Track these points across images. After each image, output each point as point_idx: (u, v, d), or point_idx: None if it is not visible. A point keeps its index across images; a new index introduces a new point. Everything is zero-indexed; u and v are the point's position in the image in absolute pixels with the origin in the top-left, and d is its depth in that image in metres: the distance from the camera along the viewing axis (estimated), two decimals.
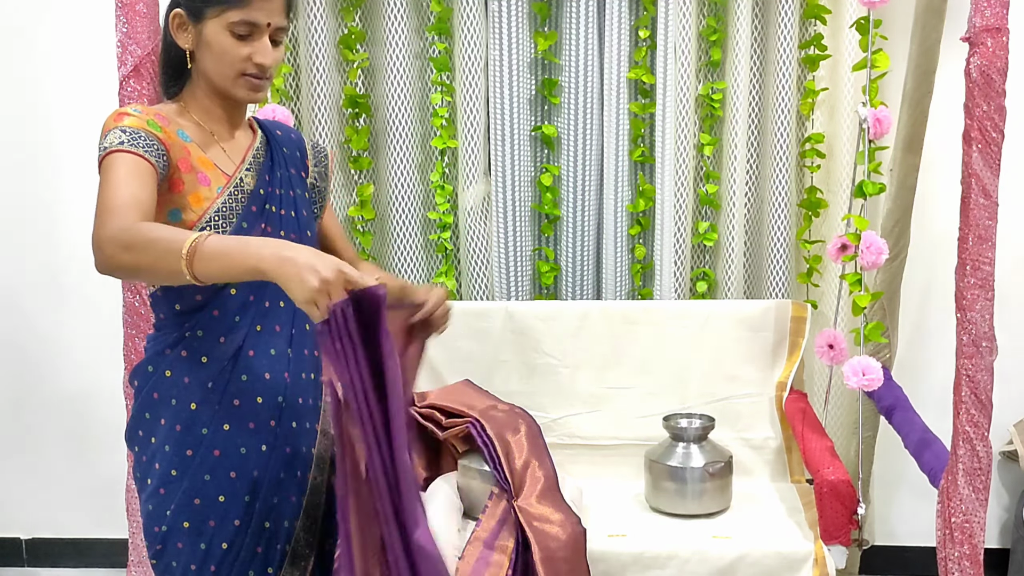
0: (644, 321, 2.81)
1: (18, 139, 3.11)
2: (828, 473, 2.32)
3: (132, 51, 2.10)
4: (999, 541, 3.08)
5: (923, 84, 2.63)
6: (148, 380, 1.70)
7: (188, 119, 1.70)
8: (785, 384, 2.74)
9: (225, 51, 1.64)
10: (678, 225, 2.92)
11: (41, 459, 3.25)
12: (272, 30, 1.67)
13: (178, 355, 1.68)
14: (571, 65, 2.86)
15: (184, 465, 1.66)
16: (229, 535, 1.67)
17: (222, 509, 1.67)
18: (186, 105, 1.71)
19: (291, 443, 1.72)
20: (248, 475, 1.68)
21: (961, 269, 2.05)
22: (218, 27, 1.64)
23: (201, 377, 1.67)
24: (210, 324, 1.67)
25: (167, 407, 1.68)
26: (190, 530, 1.67)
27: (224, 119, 1.73)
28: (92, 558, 3.26)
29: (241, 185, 1.70)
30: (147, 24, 2.10)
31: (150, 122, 1.61)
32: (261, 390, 1.69)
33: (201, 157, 1.66)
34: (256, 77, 1.67)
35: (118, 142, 1.57)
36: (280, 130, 1.86)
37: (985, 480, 2.10)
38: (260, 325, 1.69)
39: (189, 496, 1.66)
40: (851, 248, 2.51)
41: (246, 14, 1.63)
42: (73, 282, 3.15)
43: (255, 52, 1.65)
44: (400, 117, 2.90)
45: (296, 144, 1.86)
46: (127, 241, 1.46)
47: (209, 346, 1.67)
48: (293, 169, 1.81)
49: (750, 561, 2.28)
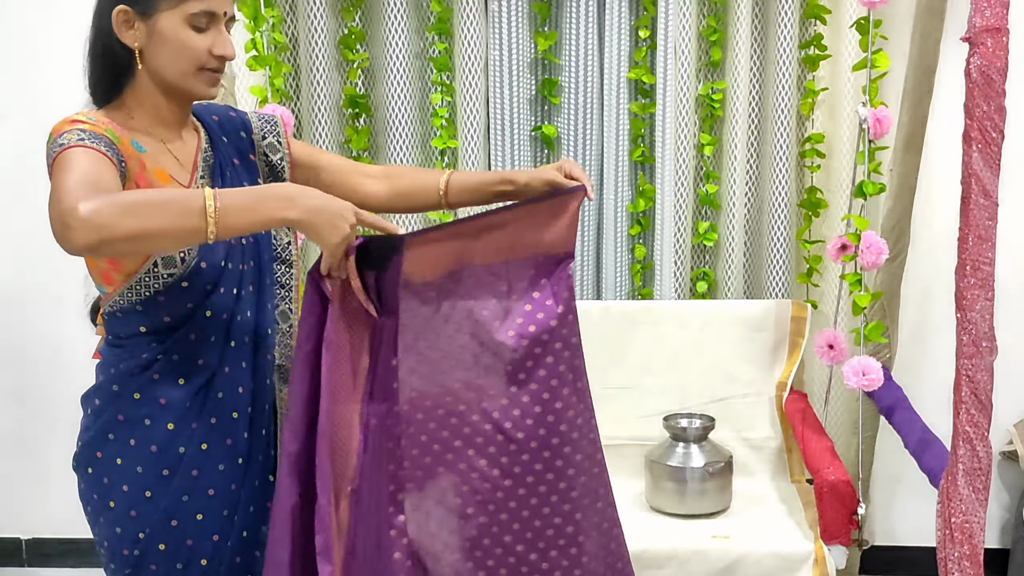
0: (644, 321, 2.81)
1: (18, 139, 3.11)
2: (828, 473, 2.32)
3: None
4: (999, 541, 3.08)
5: (923, 84, 2.63)
6: (112, 401, 1.63)
7: (135, 126, 1.59)
8: (785, 384, 2.74)
9: (184, 45, 1.54)
10: (678, 225, 2.92)
11: (41, 459, 3.25)
12: (228, 19, 1.60)
13: (150, 378, 1.60)
14: (571, 65, 2.86)
15: (160, 486, 1.60)
16: (208, 551, 1.63)
17: (200, 527, 1.62)
18: (130, 111, 1.60)
19: (262, 450, 1.70)
20: (227, 490, 1.64)
21: (961, 269, 2.05)
22: (174, 20, 1.54)
23: (178, 398, 1.60)
24: (187, 347, 1.60)
25: (138, 427, 1.60)
26: (166, 552, 1.61)
27: (173, 122, 1.63)
28: (92, 558, 3.26)
29: None
30: None
31: (108, 130, 1.51)
32: (235, 405, 1.65)
33: (157, 169, 1.57)
34: (215, 71, 1.59)
35: (76, 139, 1.45)
36: (217, 114, 1.75)
37: (985, 480, 2.10)
38: (234, 340, 1.64)
39: (166, 517, 1.60)
40: (851, 248, 2.51)
41: (207, 4, 1.54)
42: (73, 282, 3.14)
43: (215, 44, 1.57)
44: (400, 117, 2.90)
45: (238, 125, 1.76)
46: (127, 205, 1.34)
47: (187, 369, 1.60)
48: (237, 159, 1.73)
49: (750, 561, 2.28)
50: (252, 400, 1.67)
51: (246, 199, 1.40)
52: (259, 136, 1.77)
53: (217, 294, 1.61)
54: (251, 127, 1.77)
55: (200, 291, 1.59)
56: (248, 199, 1.41)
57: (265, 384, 1.70)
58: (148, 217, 1.34)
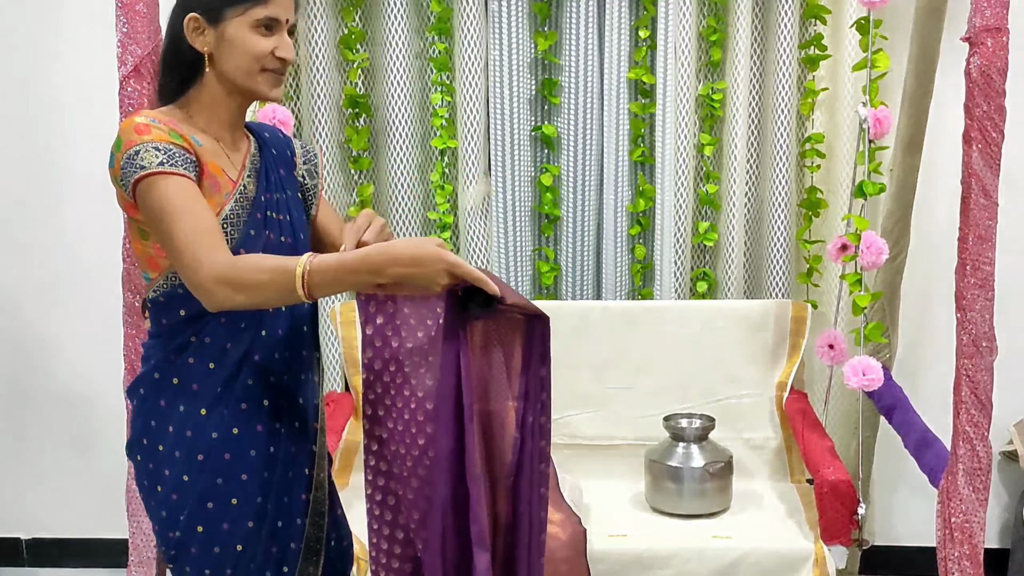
0: (644, 321, 2.82)
1: (18, 139, 3.11)
2: (828, 473, 2.32)
3: (132, 51, 2.10)
4: (999, 541, 3.08)
5: (923, 84, 2.63)
6: (154, 388, 1.71)
7: (194, 124, 1.71)
8: (785, 384, 2.74)
9: (251, 48, 1.68)
10: (678, 225, 2.92)
11: (41, 459, 3.25)
12: (290, 26, 1.73)
13: (185, 362, 1.69)
14: (571, 65, 2.86)
15: (196, 470, 1.67)
16: (243, 537, 1.69)
17: (235, 511, 1.68)
18: (190, 110, 1.72)
19: (295, 442, 1.75)
20: (259, 476, 1.70)
21: (961, 269, 2.05)
22: (241, 25, 1.67)
23: (209, 383, 1.68)
24: (217, 331, 1.68)
25: (175, 414, 1.69)
26: (204, 534, 1.68)
27: (228, 124, 1.74)
28: (92, 558, 3.26)
29: (245, 192, 1.73)
30: (147, 24, 2.10)
31: (172, 133, 1.62)
32: (266, 393, 1.72)
33: (212, 163, 1.68)
34: (278, 72, 1.72)
35: (157, 163, 1.58)
36: (268, 132, 1.88)
37: (985, 480, 2.10)
38: (265, 330, 1.71)
39: (202, 500, 1.67)
40: (851, 248, 2.51)
41: (270, 10, 1.68)
42: (73, 282, 3.15)
43: (278, 47, 1.70)
44: (400, 117, 2.90)
45: (284, 144, 1.88)
46: (235, 282, 1.53)
47: (217, 353, 1.69)
48: (283, 170, 1.83)
49: (750, 561, 2.28)
50: (286, 392, 1.74)
51: (334, 272, 1.53)
52: (300, 160, 1.90)
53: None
54: (295, 150, 1.91)
55: None
56: (337, 271, 1.53)
57: (300, 379, 1.76)
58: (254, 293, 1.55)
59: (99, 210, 3.02)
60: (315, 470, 1.77)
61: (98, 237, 3.07)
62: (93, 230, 3.08)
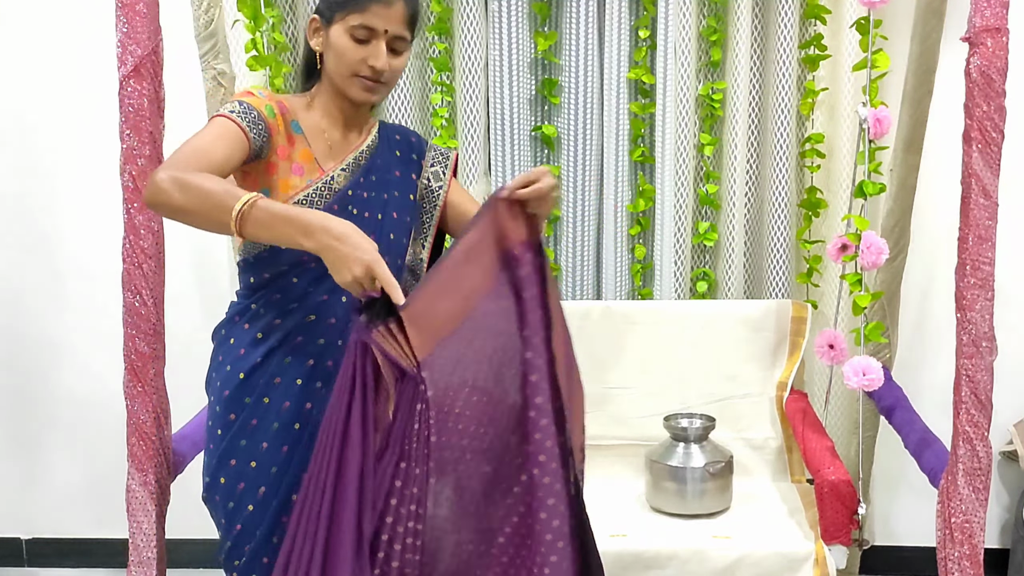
0: (644, 321, 2.82)
1: (18, 139, 3.11)
2: (828, 473, 2.32)
3: (132, 51, 2.09)
4: (999, 541, 3.08)
5: (923, 84, 2.63)
6: (219, 343, 1.88)
7: (309, 113, 1.85)
8: (785, 384, 2.74)
9: (343, 52, 1.78)
10: (678, 225, 2.92)
11: (41, 459, 3.25)
12: (389, 37, 1.78)
13: (242, 327, 1.84)
14: (571, 65, 2.86)
15: (227, 427, 1.82)
16: (254, 499, 1.81)
17: (252, 474, 1.81)
18: (312, 101, 1.86)
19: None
20: (277, 449, 1.81)
21: (961, 269, 2.05)
22: (341, 30, 1.78)
23: (253, 353, 1.81)
24: (270, 304, 1.81)
25: (224, 371, 1.84)
26: (224, 487, 1.82)
27: (340, 120, 1.86)
28: (92, 558, 3.26)
29: (331, 183, 1.82)
30: (147, 24, 2.09)
31: (268, 107, 1.76)
32: (300, 373, 1.81)
33: (304, 150, 1.80)
34: (369, 79, 1.79)
35: (229, 109, 1.73)
36: (400, 134, 1.98)
37: (985, 480, 2.10)
38: (314, 315, 1.81)
39: (227, 456, 1.82)
40: (851, 248, 2.51)
41: (364, 19, 1.76)
42: (73, 282, 3.15)
43: (369, 56, 1.78)
44: (400, 117, 2.90)
45: (414, 147, 1.98)
46: (185, 182, 1.59)
47: (265, 324, 1.81)
48: (399, 172, 1.92)
49: (751, 561, 2.28)
50: (325, 379, 1.81)
51: (275, 218, 1.58)
52: (428, 163, 1.98)
53: (308, 267, 1.79)
54: (424, 154, 1.99)
55: (291, 258, 1.79)
56: (277, 219, 1.58)
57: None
58: (193, 197, 1.59)
59: (99, 210, 3.04)
60: None
61: (98, 237, 3.07)
62: (94, 230, 3.09)
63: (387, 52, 1.80)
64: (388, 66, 1.80)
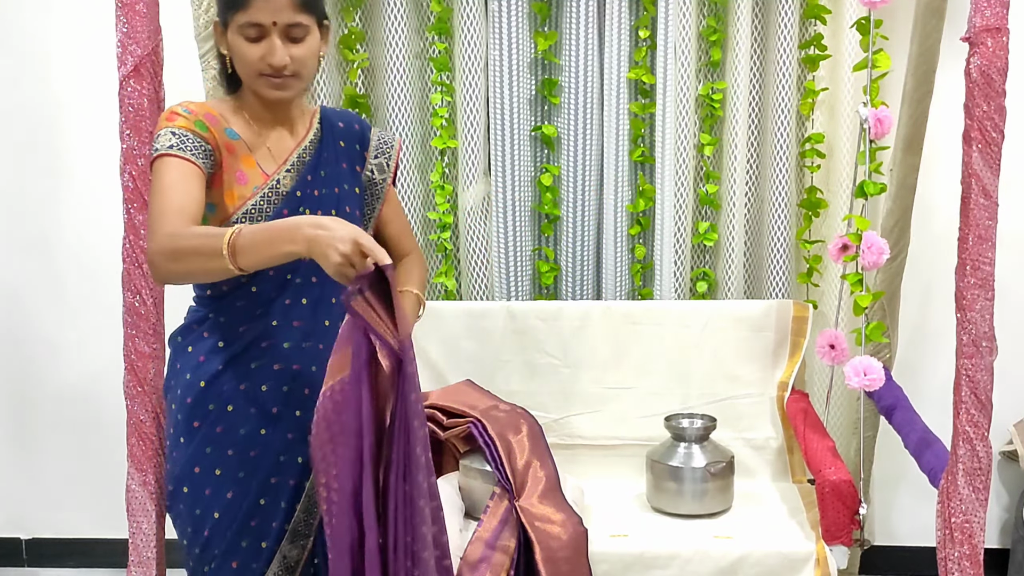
0: (645, 321, 2.81)
1: (18, 139, 3.11)
2: (829, 473, 2.32)
3: (132, 51, 2.09)
4: (999, 541, 3.08)
5: (923, 84, 2.63)
6: (176, 349, 1.85)
7: (240, 117, 1.79)
8: (786, 384, 2.74)
9: (243, 54, 1.73)
10: (678, 225, 2.92)
11: (41, 459, 3.25)
12: (282, 28, 1.70)
13: (201, 335, 1.79)
14: (571, 65, 2.86)
15: (190, 434, 1.78)
16: (222, 505, 1.77)
17: (217, 481, 1.77)
18: (240, 105, 1.81)
19: (294, 430, 1.79)
20: (244, 454, 1.77)
21: (961, 269, 2.05)
22: (234, 32, 1.72)
23: (215, 360, 1.77)
24: (232, 313, 1.77)
25: (183, 379, 1.80)
26: (188, 495, 1.79)
27: (270, 119, 1.81)
28: (92, 558, 3.26)
29: (277, 187, 1.76)
30: (147, 24, 2.09)
31: (198, 123, 1.70)
32: (267, 378, 1.77)
33: (245, 156, 1.74)
34: (274, 76, 1.73)
35: (168, 145, 1.67)
36: (343, 121, 1.91)
37: (985, 480, 2.10)
38: (277, 320, 1.77)
39: (191, 463, 1.78)
40: (852, 248, 2.51)
41: (249, 16, 1.69)
42: (73, 282, 3.15)
43: (266, 53, 1.71)
44: (400, 117, 2.90)
45: (356, 136, 1.91)
46: (172, 252, 1.59)
47: (228, 333, 1.77)
48: (345, 164, 1.87)
49: (751, 561, 2.28)
50: (291, 382, 1.79)
51: (258, 238, 1.55)
52: (372, 154, 1.92)
53: (265, 275, 1.74)
54: (368, 143, 1.93)
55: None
56: (260, 238, 1.55)
57: (311, 371, 1.79)
58: (187, 262, 1.59)
59: (99, 210, 3.04)
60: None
61: (99, 237, 3.07)
62: (93, 230, 3.09)
63: (286, 42, 1.71)
64: (288, 59, 1.72)
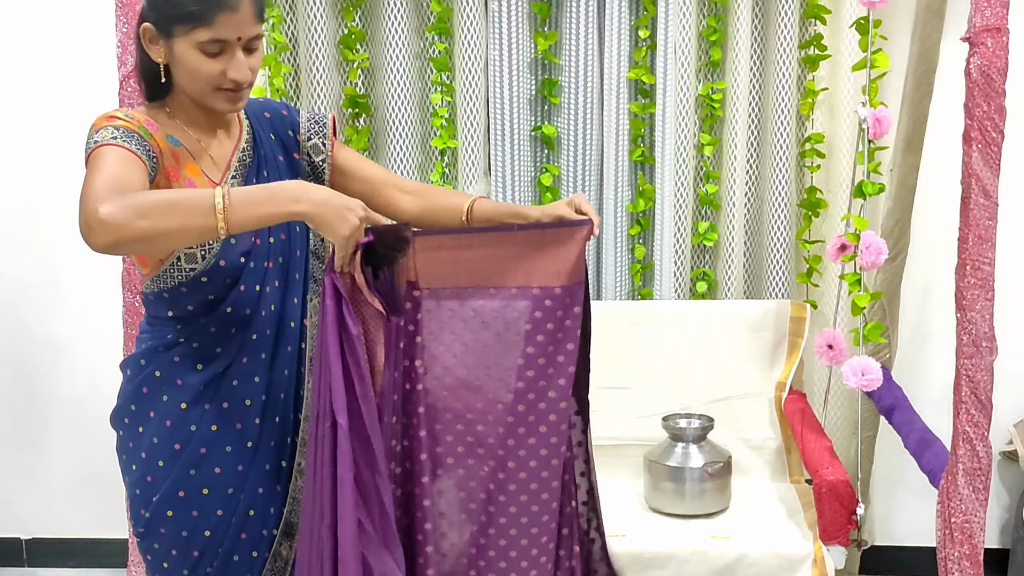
0: (644, 321, 2.81)
1: (18, 139, 3.11)
2: (827, 473, 2.32)
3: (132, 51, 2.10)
4: (999, 541, 3.07)
5: (923, 84, 2.63)
6: (139, 373, 1.72)
7: (174, 123, 1.68)
8: (784, 384, 2.74)
9: (197, 69, 1.60)
10: (678, 225, 2.92)
11: (41, 459, 3.25)
12: (245, 41, 1.62)
13: (171, 359, 1.70)
14: (571, 65, 2.86)
15: (172, 458, 1.70)
16: (211, 524, 1.72)
17: (205, 501, 1.71)
18: (171, 111, 1.69)
19: (275, 436, 1.76)
20: (232, 470, 1.72)
21: (961, 269, 2.05)
22: (187, 45, 1.59)
23: (193, 382, 1.70)
24: (207, 337, 1.70)
25: (157, 402, 1.71)
26: (173, 518, 1.70)
27: (207, 125, 1.71)
28: (92, 558, 3.26)
29: None
30: None
31: (141, 127, 1.59)
32: (249, 393, 1.73)
33: (190, 164, 1.66)
34: (233, 90, 1.64)
35: (110, 137, 1.55)
36: (269, 111, 1.83)
37: (985, 480, 2.10)
38: (256, 334, 1.72)
39: (174, 487, 1.70)
40: (851, 248, 2.51)
41: (214, 32, 1.57)
42: (73, 282, 3.15)
43: (229, 68, 1.61)
44: (400, 117, 2.90)
45: (287, 123, 1.83)
46: (141, 207, 1.42)
47: (205, 356, 1.70)
48: (281, 156, 1.80)
49: (749, 561, 2.28)
50: (267, 389, 1.74)
51: (255, 196, 1.48)
52: (305, 137, 1.84)
53: (238, 291, 1.69)
54: (299, 127, 1.84)
55: (220, 286, 1.68)
56: (257, 195, 1.47)
57: (283, 375, 1.76)
58: (160, 218, 1.42)
59: None
60: (296, 458, 1.79)
61: None
62: None
63: (245, 55, 1.62)
64: (249, 72, 1.64)
